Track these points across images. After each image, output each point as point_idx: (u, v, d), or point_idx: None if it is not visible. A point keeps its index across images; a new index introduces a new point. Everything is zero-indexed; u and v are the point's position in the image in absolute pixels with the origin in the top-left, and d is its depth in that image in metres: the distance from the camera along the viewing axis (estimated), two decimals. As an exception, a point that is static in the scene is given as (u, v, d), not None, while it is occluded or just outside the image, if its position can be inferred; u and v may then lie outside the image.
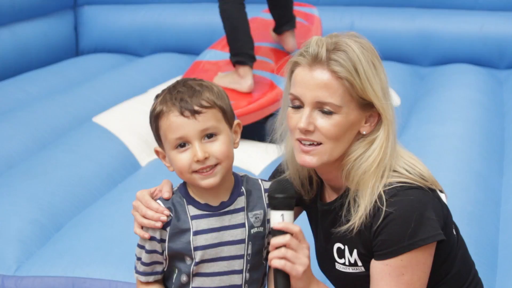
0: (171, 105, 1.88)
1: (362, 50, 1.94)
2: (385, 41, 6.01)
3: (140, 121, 4.42)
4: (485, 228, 3.32)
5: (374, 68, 1.95)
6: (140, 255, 1.96)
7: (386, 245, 1.91)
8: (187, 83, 1.93)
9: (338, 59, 1.92)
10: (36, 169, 3.76)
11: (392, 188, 1.92)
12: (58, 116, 4.61)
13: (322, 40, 1.96)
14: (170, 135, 1.89)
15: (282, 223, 1.90)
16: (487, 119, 4.67)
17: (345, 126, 1.94)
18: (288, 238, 1.88)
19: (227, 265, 1.93)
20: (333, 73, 1.92)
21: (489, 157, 4.08)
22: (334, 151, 1.96)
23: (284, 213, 1.90)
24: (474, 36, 5.90)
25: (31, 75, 5.59)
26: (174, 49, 6.35)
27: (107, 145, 4.14)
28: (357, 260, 2.00)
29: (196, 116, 1.87)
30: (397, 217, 1.89)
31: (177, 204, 1.94)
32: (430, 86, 5.40)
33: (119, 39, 6.46)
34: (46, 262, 3.02)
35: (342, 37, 1.98)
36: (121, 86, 5.32)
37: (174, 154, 1.89)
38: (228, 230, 1.93)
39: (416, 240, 1.89)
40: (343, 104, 1.92)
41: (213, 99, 1.89)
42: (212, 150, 1.88)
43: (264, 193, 1.99)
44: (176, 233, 1.91)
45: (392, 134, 1.98)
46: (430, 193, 1.96)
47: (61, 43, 6.30)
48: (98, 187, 3.75)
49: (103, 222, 3.28)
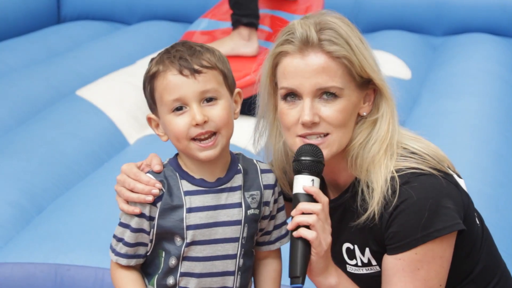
0: (169, 63, 1.86)
1: (347, 26, 1.94)
2: (395, 9, 5.99)
3: (128, 94, 4.40)
4: (503, 212, 3.32)
5: (362, 43, 1.94)
6: (122, 235, 1.93)
7: (398, 238, 1.88)
8: (187, 44, 1.92)
9: (331, 38, 1.90)
10: (15, 147, 3.75)
11: (403, 175, 1.89)
12: (39, 89, 4.59)
13: (306, 21, 1.93)
14: (167, 96, 1.86)
15: (314, 188, 1.87)
16: (506, 93, 4.66)
17: (349, 109, 1.92)
18: (320, 207, 1.86)
19: (221, 249, 1.91)
20: (328, 54, 1.89)
21: (508, 135, 4.07)
22: (343, 139, 1.93)
23: (315, 179, 1.89)
24: (492, 2, 5.88)
25: (8, 44, 5.57)
26: (165, 16, 6.33)
27: (92, 121, 4.13)
28: (370, 259, 1.97)
29: (196, 76, 1.85)
30: (409, 206, 1.86)
31: (170, 178, 1.92)
32: (444, 58, 5.38)
33: (104, 5, 6.43)
34: (26, 248, 3.01)
35: (322, 15, 1.96)
36: (107, 56, 5.30)
37: (170, 118, 1.88)
38: (224, 209, 1.91)
39: (431, 231, 1.86)
40: (344, 86, 1.91)
41: (214, 61, 1.88)
42: (211, 114, 1.86)
43: (261, 174, 1.98)
44: (167, 209, 1.89)
45: (395, 110, 1.98)
46: (445, 179, 1.92)
47: (41, 9, 6.26)
48: (82, 166, 3.74)
49: (88, 204, 3.27)
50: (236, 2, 4.42)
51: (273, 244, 2.03)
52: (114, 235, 1.96)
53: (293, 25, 1.94)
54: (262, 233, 2.02)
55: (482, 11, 5.90)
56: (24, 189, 3.39)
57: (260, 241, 2.03)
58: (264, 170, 1.99)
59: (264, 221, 2.00)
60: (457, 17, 5.97)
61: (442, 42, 5.90)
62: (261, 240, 2.03)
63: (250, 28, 4.41)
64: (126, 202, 1.92)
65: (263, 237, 2.02)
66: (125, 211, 1.92)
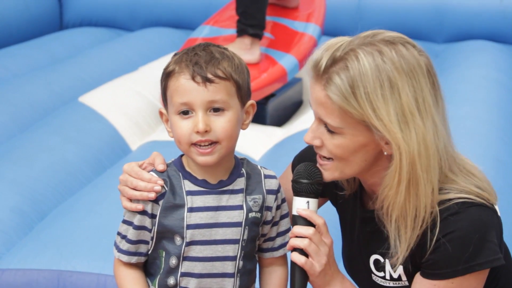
0: (184, 67, 1.88)
1: (377, 64, 1.78)
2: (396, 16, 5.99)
3: (130, 101, 4.41)
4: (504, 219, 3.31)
5: (390, 87, 1.77)
6: (125, 233, 1.96)
7: (438, 266, 1.85)
8: (208, 48, 1.93)
9: (335, 80, 1.79)
10: (18, 153, 3.75)
11: (453, 204, 1.83)
12: (41, 95, 4.59)
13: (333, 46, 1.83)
14: (176, 98, 1.88)
15: (307, 211, 1.89)
16: (507, 100, 4.66)
17: (352, 147, 1.84)
18: (312, 231, 1.88)
19: (221, 250, 1.93)
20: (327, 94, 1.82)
21: (509, 141, 4.07)
22: (347, 170, 1.89)
23: (310, 200, 1.90)
24: (493, 9, 5.88)
25: (11, 50, 5.57)
26: (167, 23, 6.33)
27: (95, 127, 4.13)
28: (401, 275, 1.95)
29: (207, 84, 1.86)
30: (456, 238, 1.82)
31: (173, 177, 1.94)
32: (445, 65, 5.38)
33: (107, 12, 6.43)
34: (29, 254, 3.02)
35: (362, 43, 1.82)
36: (110, 63, 5.31)
37: (176, 119, 1.90)
38: (225, 210, 1.93)
39: (473, 265, 1.83)
40: (344, 126, 1.82)
41: (230, 71, 1.88)
42: (215, 124, 1.88)
43: (264, 179, 1.99)
44: (169, 207, 1.91)
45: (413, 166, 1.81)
46: (492, 212, 1.88)
47: (43, 15, 6.27)
48: (85, 172, 3.74)
49: (90, 210, 3.27)
50: (244, 11, 4.43)
51: (276, 251, 2.04)
52: (119, 232, 1.99)
53: (321, 45, 1.87)
54: (265, 239, 2.03)
55: (483, 18, 5.91)
56: (26, 195, 3.39)
57: (263, 247, 2.04)
58: (267, 176, 2.00)
59: (266, 227, 2.01)
60: (459, 24, 5.97)
61: (444, 49, 5.90)
62: (265, 247, 2.04)
63: (254, 39, 4.44)
64: (129, 200, 1.93)
65: (266, 243, 2.03)
66: (128, 208, 1.94)
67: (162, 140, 4.04)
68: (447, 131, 1.89)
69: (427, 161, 1.81)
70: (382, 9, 6.12)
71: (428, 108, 1.82)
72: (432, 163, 1.82)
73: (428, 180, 1.82)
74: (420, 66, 1.82)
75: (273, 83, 4.39)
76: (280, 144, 4.03)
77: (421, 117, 1.80)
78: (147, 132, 4.32)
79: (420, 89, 1.81)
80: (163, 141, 4.01)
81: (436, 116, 1.83)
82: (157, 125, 4.39)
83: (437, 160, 1.83)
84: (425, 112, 1.81)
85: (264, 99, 4.44)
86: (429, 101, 1.82)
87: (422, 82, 1.81)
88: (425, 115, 1.81)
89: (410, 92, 1.79)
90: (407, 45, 1.85)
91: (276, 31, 4.82)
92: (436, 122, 1.83)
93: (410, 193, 1.82)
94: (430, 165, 1.82)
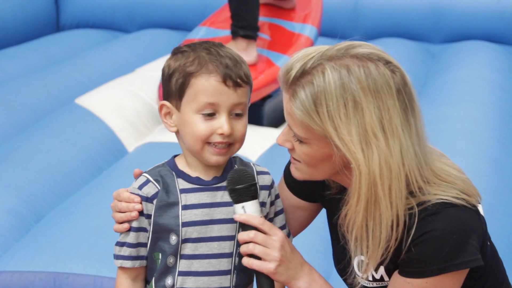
0: (214, 68, 1.89)
1: (343, 82, 1.76)
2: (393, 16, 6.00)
3: (127, 102, 4.41)
4: (502, 219, 3.32)
5: (353, 107, 1.75)
6: (124, 240, 1.97)
7: (414, 264, 1.85)
8: (224, 50, 1.94)
9: (300, 95, 1.79)
10: (14, 155, 3.75)
11: (431, 205, 1.82)
12: (38, 97, 4.60)
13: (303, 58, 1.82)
14: (203, 97, 1.89)
15: (243, 215, 1.89)
16: (504, 100, 4.67)
17: (319, 157, 1.85)
18: (253, 234, 1.88)
19: (217, 247, 1.94)
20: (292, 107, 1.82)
21: (506, 142, 4.08)
22: (315, 175, 1.91)
23: (245, 204, 1.91)
24: (490, 10, 5.89)
25: (8, 52, 5.57)
26: (164, 24, 6.34)
27: (91, 129, 4.13)
28: (384, 276, 1.95)
29: (237, 88, 1.89)
30: (432, 237, 1.81)
31: (166, 176, 1.96)
32: (442, 65, 5.39)
33: (104, 13, 6.44)
34: (25, 256, 3.02)
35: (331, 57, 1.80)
36: (106, 64, 5.31)
37: (196, 119, 1.90)
38: (220, 207, 1.94)
39: (447, 265, 1.82)
40: (309, 137, 1.83)
41: (249, 75, 1.93)
42: (236, 128, 1.92)
43: (257, 175, 2.01)
44: (163, 206, 1.93)
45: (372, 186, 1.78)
46: (473, 213, 1.86)
47: (40, 17, 6.27)
48: (81, 174, 3.74)
49: (87, 212, 3.27)
50: (234, 13, 4.44)
51: None
52: (117, 242, 1.99)
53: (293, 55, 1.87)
54: None
55: (480, 18, 5.91)
56: (23, 197, 3.39)
57: None
58: (260, 172, 2.02)
59: None
60: (456, 24, 5.98)
61: (441, 49, 5.91)
62: None
63: (248, 40, 4.44)
64: (120, 223, 1.97)
65: None
66: (118, 231, 1.97)
67: (159, 141, 4.04)
68: (422, 148, 1.85)
69: (389, 182, 1.78)
70: (379, 10, 6.13)
71: (394, 129, 1.78)
72: (395, 184, 1.78)
73: (389, 201, 1.79)
74: (389, 86, 1.78)
75: (269, 84, 4.40)
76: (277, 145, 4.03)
77: (385, 138, 1.77)
78: (143, 134, 4.32)
79: (386, 110, 1.77)
80: (159, 142, 4.01)
81: (404, 136, 1.79)
82: (153, 126, 4.40)
83: (403, 181, 1.80)
84: (391, 133, 1.77)
85: (261, 100, 4.44)
86: (396, 122, 1.78)
87: (389, 102, 1.78)
88: (391, 136, 1.77)
89: (375, 113, 1.76)
90: (379, 62, 1.80)
91: (272, 32, 4.82)
92: (403, 142, 1.78)
93: (369, 213, 1.81)
94: (393, 186, 1.78)
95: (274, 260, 1.89)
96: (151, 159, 2.65)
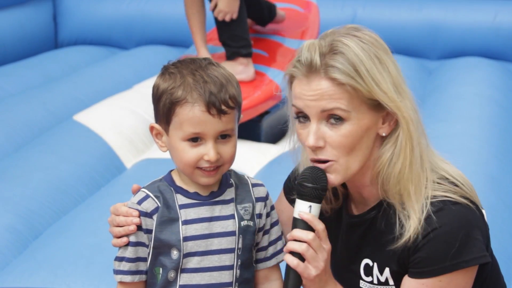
0: (198, 96, 1.89)
1: (362, 46, 1.89)
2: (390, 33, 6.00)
3: (125, 119, 4.43)
4: (497, 235, 3.32)
5: (380, 63, 1.89)
6: (123, 254, 1.97)
7: (425, 263, 1.88)
8: (210, 72, 1.92)
9: (336, 64, 1.87)
10: (12, 172, 3.76)
11: (438, 201, 1.88)
12: (36, 114, 4.61)
13: (315, 44, 1.91)
14: (188, 127, 1.91)
15: (309, 215, 1.90)
16: (500, 117, 4.67)
17: (358, 133, 1.89)
18: (312, 237, 1.89)
19: (218, 260, 1.96)
20: (332, 80, 1.87)
21: (503, 158, 4.08)
22: (352, 164, 1.91)
23: (312, 205, 1.92)
24: (487, 27, 5.91)
25: (5, 69, 5.59)
26: (161, 41, 6.36)
27: (89, 146, 4.14)
28: (388, 279, 1.98)
29: (221, 116, 1.90)
30: (442, 234, 1.85)
31: (165, 192, 1.98)
32: (439, 82, 5.40)
33: (101, 30, 6.46)
34: (23, 273, 3.02)
35: (338, 35, 1.92)
36: (104, 81, 5.32)
37: (183, 146, 1.92)
38: (219, 221, 1.97)
39: (459, 261, 1.86)
40: (351, 109, 1.87)
41: (236, 98, 1.92)
42: (223, 151, 1.93)
43: (252, 188, 2.03)
44: (164, 221, 1.95)
45: (416, 133, 1.93)
46: (477, 211, 1.92)
47: (38, 34, 6.30)
48: (79, 191, 3.75)
49: (85, 229, 3.28)
50: (232, 35, 4.46)
51: (269, 260, 2.06)
52: (116, 257, 2.00)
53: (302, 47, 1.93)
54: (257, 249, 2.05)
55: (476, 35, 5.94)
56: (21, 214, 3.40)
57: (256, 257, 2.06)
58: (255, 184, 2.04)
59: (258, 234, 2.04)
60: (452, 41, 6.01)
61: (438, 66, 5.93)
62: (258, 257, 2.06)
63: (248, 58, 4.49)
64: (117, 237, 1.98)
65: (259, 253, 2.06)
66: (116, 245, 1.98)
67: (157, 157, 4.05)
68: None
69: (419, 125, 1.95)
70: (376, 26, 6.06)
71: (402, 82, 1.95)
72: (421, 127, 1.97)
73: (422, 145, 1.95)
74: (386, 47, 1.96)
75: (267, 101, 4.41)
76: (275, 161, 4.04)
77: (406, 86, 1.94)
78: (141, 150, 4.33)
79: (396, 63, 1.95)
80: (157, 158, 4.02)
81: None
82: (151, 143, 4.41)
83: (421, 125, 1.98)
84: (405, 83, 1.95)
85: (259, 117, 4.45)
86: (401, 74, 1.95)
87: (393, 57, 1.95)
88: (406, 85, 1.95)
89: (393, 66, 1.93)
90: (365, 30, 1.97)
91: (269, 49, 4.84)
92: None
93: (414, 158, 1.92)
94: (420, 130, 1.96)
95: (317, 268, 1.90)
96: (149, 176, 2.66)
